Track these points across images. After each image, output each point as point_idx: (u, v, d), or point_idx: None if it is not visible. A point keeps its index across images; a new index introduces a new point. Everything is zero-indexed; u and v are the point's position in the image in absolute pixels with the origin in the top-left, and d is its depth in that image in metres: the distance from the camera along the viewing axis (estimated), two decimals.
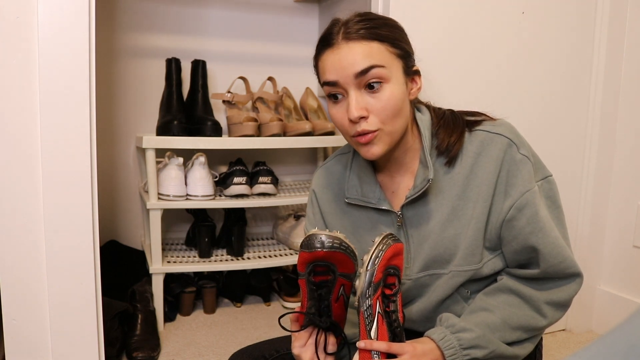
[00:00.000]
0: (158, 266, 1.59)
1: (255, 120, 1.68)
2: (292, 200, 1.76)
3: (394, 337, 0.77)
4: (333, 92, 0.83)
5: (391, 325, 0.77)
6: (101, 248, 1.28)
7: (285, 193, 1.84)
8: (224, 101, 1.78)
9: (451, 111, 0.92)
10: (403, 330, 0.79)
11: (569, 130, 1.55)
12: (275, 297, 1.89)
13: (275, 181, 1.78)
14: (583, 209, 1.59)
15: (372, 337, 0.76)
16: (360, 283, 0.76)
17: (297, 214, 1.92)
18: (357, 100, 0.80)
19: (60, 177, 1.06)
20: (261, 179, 1.72)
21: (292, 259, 1.78)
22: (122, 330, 1.45)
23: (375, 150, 0.83)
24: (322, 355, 0.81)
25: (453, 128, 0.87)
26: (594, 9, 1.50)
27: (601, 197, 1.60)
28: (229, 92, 1.76)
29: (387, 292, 0.78)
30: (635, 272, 1.55)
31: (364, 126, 0.81)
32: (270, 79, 1.88)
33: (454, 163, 0.86)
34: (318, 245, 0.76)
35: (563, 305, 0.85)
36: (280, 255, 1.80)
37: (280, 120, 1.70)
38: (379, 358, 0.75)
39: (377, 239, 0.78)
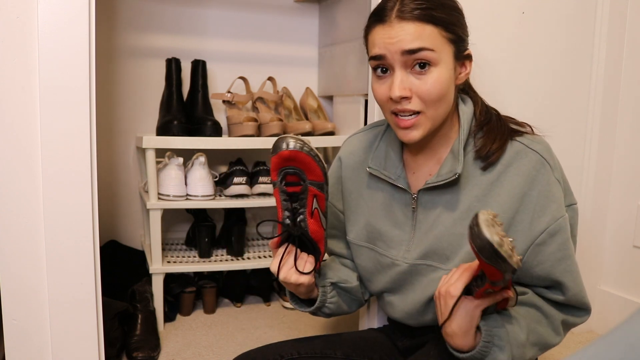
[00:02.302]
0: (158, 266, 1.59)
1: (255, 120, 1.68)
2: None
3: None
4: (379, 65, 0.82)
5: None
6: (101, 248, 1.28)
7: None
8: (224, 101, 1.78)
9: (498, 115, 0.90)
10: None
11: (568, 130, 1.54)
12: (275, 297, 1.88)
13: None
14: (583, 209, 1.59)
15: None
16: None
17: None
18: (401, 80, 0.79)
19: (60, 177, 1.05)
20: (261, 179, 1.72)
21: None
22: (122, 330, 1.45)
23: (415, 135, 0.82)
24: (297, 272, 0.83)
25: (497, 134, 0.85)
26: (594, 9, 1.50)
27: (601, 197, 1.60)
28: (229, 92, 1.76)
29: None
30: (635, 272, 1.54)
31: (406, 106, 0.80)
32: (270, 79, 1.88)
33: (489, 169, 0.84)
34: (283, 146, 0.77)
35: (569, 329, 0.88)
36: None
37: (280, 120, 1.70)
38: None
39: None
